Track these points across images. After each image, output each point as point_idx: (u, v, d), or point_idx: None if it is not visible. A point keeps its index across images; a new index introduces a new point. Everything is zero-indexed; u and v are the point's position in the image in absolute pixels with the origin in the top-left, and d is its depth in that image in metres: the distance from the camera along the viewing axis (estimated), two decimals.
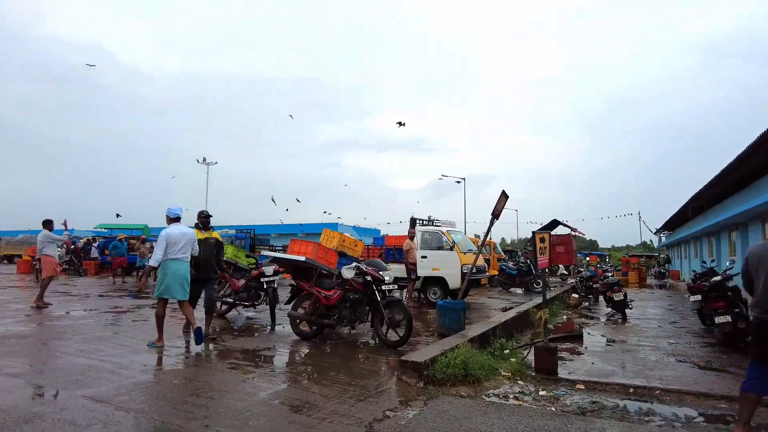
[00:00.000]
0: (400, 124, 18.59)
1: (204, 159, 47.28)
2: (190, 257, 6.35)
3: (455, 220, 12.71)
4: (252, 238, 19.23)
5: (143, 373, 4.98)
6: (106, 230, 27.52)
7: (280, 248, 27.84)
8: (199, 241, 6.62)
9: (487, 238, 8.82)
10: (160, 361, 5.63)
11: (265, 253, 8.19)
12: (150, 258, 6.37)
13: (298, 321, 7.08)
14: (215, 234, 7.16)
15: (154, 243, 21.51)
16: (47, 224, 10.14)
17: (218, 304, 8.59)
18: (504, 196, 7.78)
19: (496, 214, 7.77)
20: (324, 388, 4.56)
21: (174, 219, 6.43)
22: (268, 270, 8.56)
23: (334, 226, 55.44)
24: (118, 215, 26.92)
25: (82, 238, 28.99)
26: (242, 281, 8.88)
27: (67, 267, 22.76)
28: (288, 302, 7.45)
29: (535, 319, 9.88)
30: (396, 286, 7.24)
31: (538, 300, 11.92)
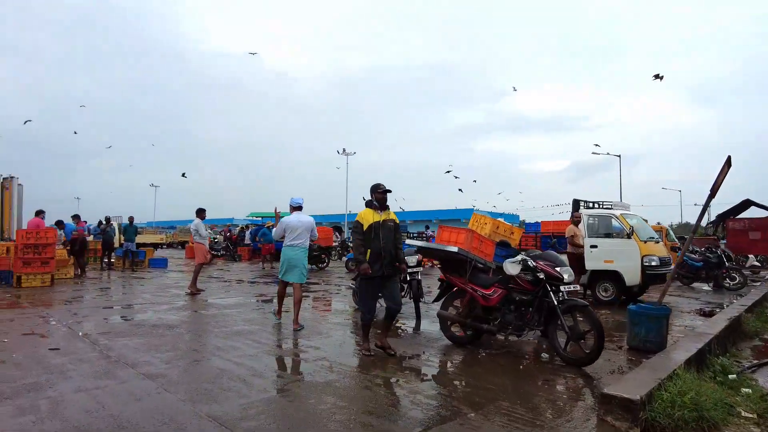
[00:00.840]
0: (657, 77, 15.64)
1: (344, 150, 48.87)
2: (308, 243, 6.78)
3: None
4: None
5: (276, 385, 4.24)
6: (258, 218, 29.49)
7: (415, 235, 27.24)
8: (377, 224, 5.19)
9: (664, 224, 6.74)
10: (296, 367, 4.90)
11: (408, 242, 7.13)
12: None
13: (449, 323, 5.95)
14: (392, 215, 5.47)
15: None
16: (200, 213, 10.39)
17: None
18: (726, 166, 5.71)
19: (714, 190, 5.74)
20: (501, 429, 3.33)
21: (296, 208, 6.80)
22: (411, 260, 7.55)
23: (467, 213, 53.85)
24: (183, 174, 29.72)
25: (237, 226, 31.53)
26: None
27: (224, 253, 24.71)
28: (436, 300, 6.36)
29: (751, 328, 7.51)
30: (578, 286, 5.66)
31: (737, 300, 9.30)
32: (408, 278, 7.67)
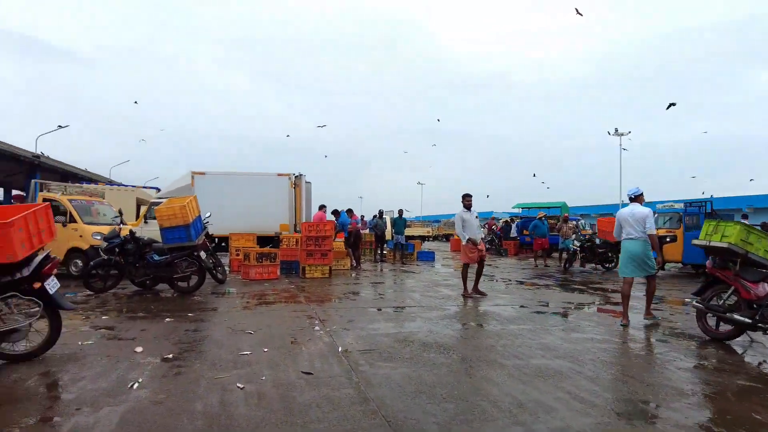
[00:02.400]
0: None
1: (616, 130, 42.59)
2: (644, 235, 6.25)
3: None
4: (709, 215, 13.81)
5: None
6: (524, 210, 27.13)
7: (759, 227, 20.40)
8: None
9: None
10: None
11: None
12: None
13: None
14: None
15: (578, 222, 18.48)
16: (464, 199, 8.66)
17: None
18: None
19: None
20: None
21: (634, 198, 6.50)
22: None
23: None
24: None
25: (500, 219, 29.79)
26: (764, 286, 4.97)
27: (489, 247, 23.17)
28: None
29: None
30: None
31: None
32: None
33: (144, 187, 20.63)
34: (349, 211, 14.19)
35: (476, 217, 8.36)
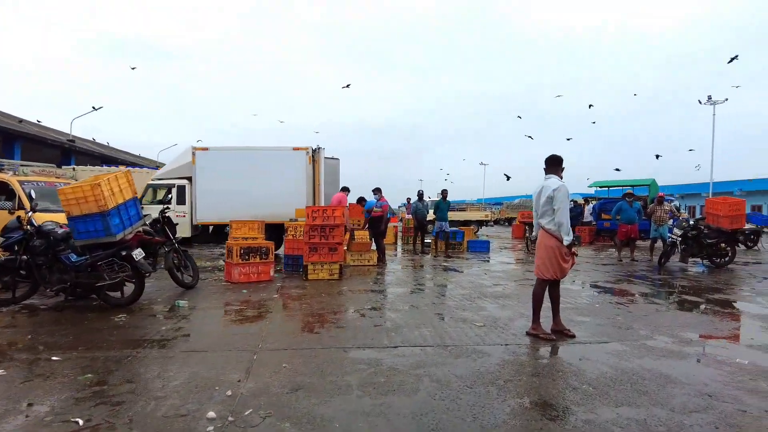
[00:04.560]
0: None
1: (709, 98, 36.88)
2: None
3: None
4: None
5: None
6: (600, 189, 23.02)
7: None
8: None
9: None
10: None
11: None
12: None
13: None
14: None
15: (675, 204, 14.52)
16: (553, 163, 5.47)
17: None
18: None
19: None
20: None
21: None
22: None
23: None
24: (533, 137, 22.00)
25: (572, 201, 25.75)
26: None
27: None
28: None
29: None
30: None
31: None
32: None
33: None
34: (377, 191, 11.29)
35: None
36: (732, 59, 22.26)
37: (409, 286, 7.94)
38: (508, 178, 28.83)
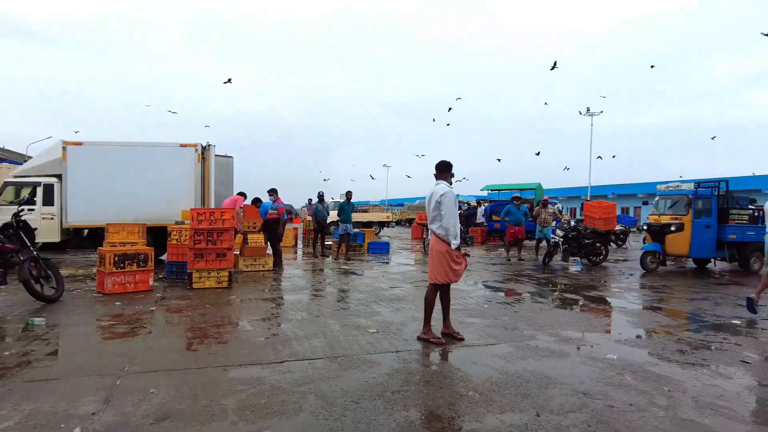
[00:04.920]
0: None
1: (587, 109, 40.79)
2: None
3: None
4: (722, 196, 11.20)
5: None
6: (492, 192, 24.32)
7: None
8: None
9: None
10: None
11: None
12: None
13: None
14: None
15: (558, 207, 15.61)
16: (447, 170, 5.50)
17: None
18: None
19: None
20: None
21: None
22: None
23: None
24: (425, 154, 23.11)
25: (465, 203, 26.99)
26: None
27: None
28: None
29: None
30: None
31: None
32: None
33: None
34: (272, 192, 10.79)
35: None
36: (553, 67, 22.17)
37: (305, 293, 7.64)
38: (409, 176, 29.42)
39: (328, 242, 14.56)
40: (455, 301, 6.83)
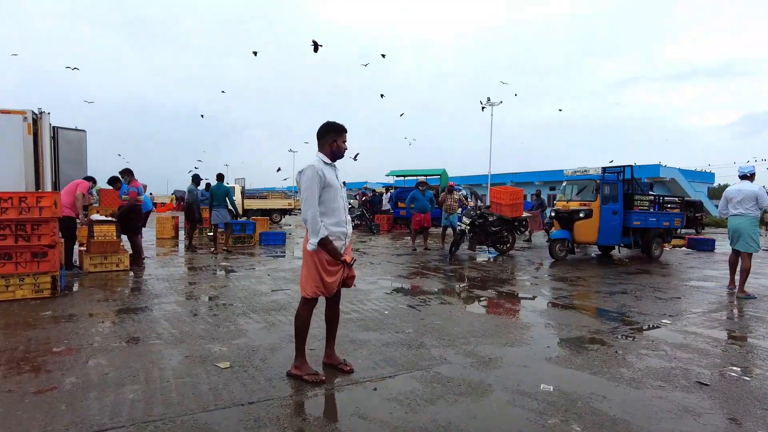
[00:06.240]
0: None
1: (488, 99, 41.50)
2: (750, 212, 6.39)
3: None
4: (628, 182, 11.04)
5: None
6: (398, 179, 23.43)
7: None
8: None
9: None
10: None
11: None
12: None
13: None
14: None
15: (463, 193, 14.89)
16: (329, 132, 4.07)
17: None
18: None
19: None
20: None
21: (747, 177, 6.57)
22: None
23: (654, 169, 42.37)
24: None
25: (371, 190, 25.93)
26: None
27: (359, 222, 19.07)
28: None
29: None
30: None
31: None
32: None
33: None
34: (126, 173, 8.67)
35: (343, 185, 3.45)
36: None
37: (155, 302, 5.85)
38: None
39: (212, 233, 12.56)
40: (348, 306, 5.51)
